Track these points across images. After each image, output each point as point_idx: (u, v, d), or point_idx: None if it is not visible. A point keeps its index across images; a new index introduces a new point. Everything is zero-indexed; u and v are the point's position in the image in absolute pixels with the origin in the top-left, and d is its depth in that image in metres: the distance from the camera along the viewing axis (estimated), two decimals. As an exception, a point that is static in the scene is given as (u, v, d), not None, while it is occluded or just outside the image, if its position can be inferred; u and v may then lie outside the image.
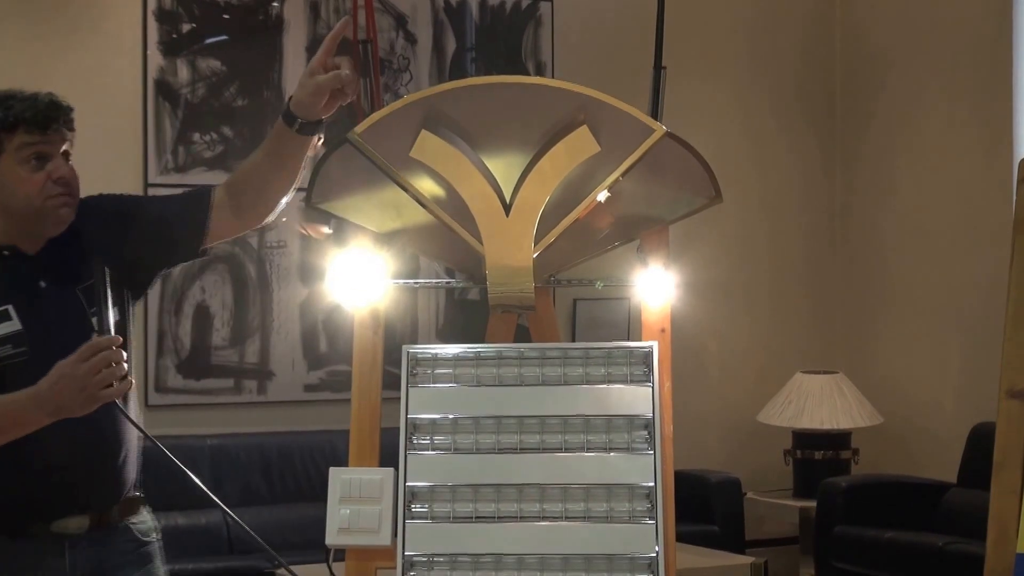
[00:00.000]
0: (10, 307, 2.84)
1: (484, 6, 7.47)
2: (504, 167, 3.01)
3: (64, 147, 2.93)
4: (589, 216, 3.07)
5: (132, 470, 2.99)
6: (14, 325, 2.82)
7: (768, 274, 8.09)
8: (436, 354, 3.03)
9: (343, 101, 2.78)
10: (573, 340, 7.15)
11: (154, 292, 6.81)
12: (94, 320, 2.81)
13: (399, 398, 2.98)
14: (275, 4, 7.10)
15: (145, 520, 3.05)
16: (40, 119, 2.88)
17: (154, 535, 3.06)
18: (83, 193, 3.04)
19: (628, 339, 7.04)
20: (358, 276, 3.15)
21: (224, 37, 6.98)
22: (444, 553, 2.89)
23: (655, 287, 3.19)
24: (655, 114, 3.20)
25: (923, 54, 7.78)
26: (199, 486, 2.73)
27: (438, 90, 3.03)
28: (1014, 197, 3.51)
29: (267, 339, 7.18)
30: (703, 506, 7.16)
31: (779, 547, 7.67)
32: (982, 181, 7.43)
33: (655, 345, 3.03)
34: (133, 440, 2.98)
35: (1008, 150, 7.25)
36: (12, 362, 2.81)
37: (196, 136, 6.92)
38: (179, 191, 7.43)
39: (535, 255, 2.98)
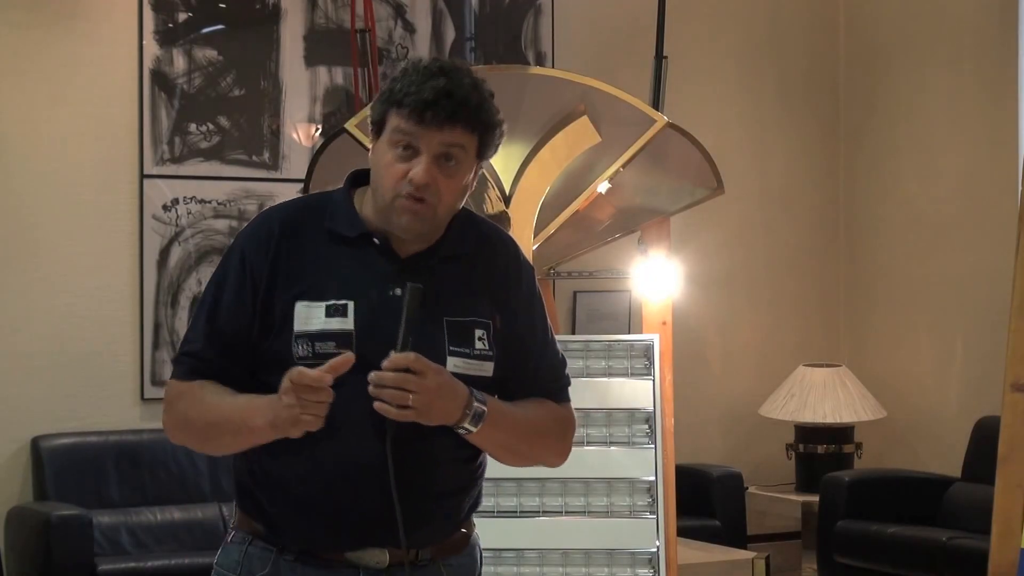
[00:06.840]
0: (351, 304, 2.43)
1: (483, -5, 7.44)
2: (504, 157, 2.99)
3: (445, 149, 2.42)
4: (589, 207, 3.04)
5: (460, 506, 2.54)
6: (347, 323, 2.42)
7: (771, 266, 8.05)
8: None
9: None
10: (573, 333, 7.11)
11: (150, 284, 6.77)
12: (448, 359, 2.44)
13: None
14: (273, -7, 7.06)
15: (465, 564, 2.56)
16: (416, 104, 2.39)
17: None
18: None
19: (629, 332, 7.00)
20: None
21: (221, 26, 6.93)
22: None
23: (656, 279, 3.16)
24: (656, 104, 3.18)
25: (927, 45, 7.74)
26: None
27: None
28: (1019, 189, 3.48)
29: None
30: (704, 501, 7.13)
31: (781, 542, 7.63)
32: (986, 173, 7.39)
33: (656, 338, 3.01)
34: (468, 471, 2.54)
35: (1012, 142, 7.21)
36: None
37: (192, 127, 6.88)
38: (176, 182, 7.30)
39: (535, 247, 2.95)
